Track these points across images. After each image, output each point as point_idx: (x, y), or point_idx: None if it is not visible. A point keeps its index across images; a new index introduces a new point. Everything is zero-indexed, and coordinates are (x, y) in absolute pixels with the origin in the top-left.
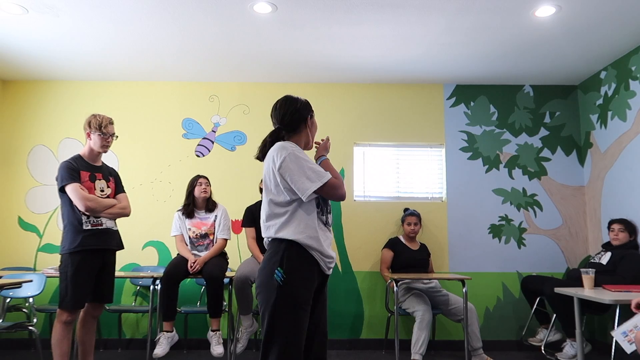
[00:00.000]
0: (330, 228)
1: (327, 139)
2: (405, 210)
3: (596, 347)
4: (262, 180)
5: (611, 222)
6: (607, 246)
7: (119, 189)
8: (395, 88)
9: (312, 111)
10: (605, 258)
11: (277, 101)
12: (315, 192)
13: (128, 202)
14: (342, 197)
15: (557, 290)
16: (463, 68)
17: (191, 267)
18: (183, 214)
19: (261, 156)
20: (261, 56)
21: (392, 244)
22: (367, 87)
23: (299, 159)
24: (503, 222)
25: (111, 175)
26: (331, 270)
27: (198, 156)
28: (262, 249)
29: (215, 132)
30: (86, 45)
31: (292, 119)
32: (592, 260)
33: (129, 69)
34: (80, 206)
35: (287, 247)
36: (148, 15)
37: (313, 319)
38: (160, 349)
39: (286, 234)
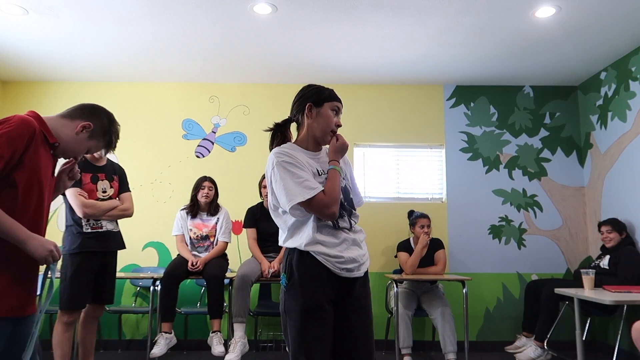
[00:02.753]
0: (349, 230)
1: (336, 137)
2: (412, 212)
3: (598, 349)
4: (261, 180)
5: (599, 225)
6: (604, 249)
7: (123, 188)
8: (396, 89)
9: (325, 100)
10: (604, 261)
11: None
12: (302, 206)
13: (131, 202)
14: (330, 216)
15: (557, 290)
16: (463, 69)
17: (192, 265)
18: (187, 213)
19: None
20: (261, 57)
21: (405, 247)
22: (367, 88)
23: (284, 171)
24: (503, 223)
25: (115, 174)
26: (351, 272)
27: (198, 157)
28: (263, 250)
29: (215, 132)
30: (86, 46)
31: (296, 109)
32: (593, 264)
33: (129, 70)
34: (78, 212)
35: (290, 251)
36: (148, 16)
37: (345, 328)
38: (158, 349)
39: (291, 242)
